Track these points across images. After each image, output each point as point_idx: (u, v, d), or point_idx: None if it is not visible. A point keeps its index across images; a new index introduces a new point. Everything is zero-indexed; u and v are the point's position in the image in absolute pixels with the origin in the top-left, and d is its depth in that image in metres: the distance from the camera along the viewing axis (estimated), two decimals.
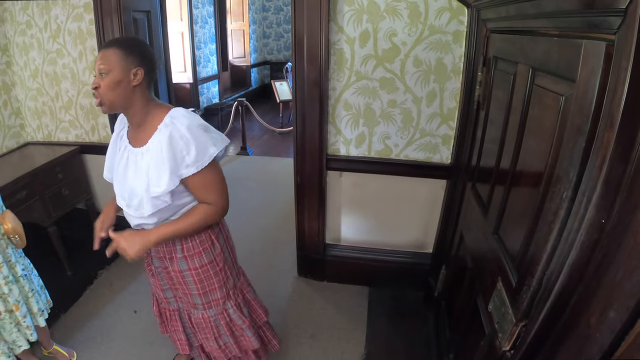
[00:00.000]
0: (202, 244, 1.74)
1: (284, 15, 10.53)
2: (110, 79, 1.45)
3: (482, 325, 1.55)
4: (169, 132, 1.47)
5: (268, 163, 5.99)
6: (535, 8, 1.28)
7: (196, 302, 1.87)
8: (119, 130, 1.72)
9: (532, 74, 1.32)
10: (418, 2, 2.31)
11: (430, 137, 2.62)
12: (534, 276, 1.10)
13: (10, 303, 2.07)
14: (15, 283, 2.10)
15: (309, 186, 2.88)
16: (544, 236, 1.07)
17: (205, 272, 1.78)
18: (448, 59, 2.41)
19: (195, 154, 1.48)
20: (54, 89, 3.41)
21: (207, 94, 8.29)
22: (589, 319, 0.86)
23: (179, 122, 1.49)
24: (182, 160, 1.48)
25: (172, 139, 1.47)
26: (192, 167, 1.49)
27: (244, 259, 3.46)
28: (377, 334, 2.70)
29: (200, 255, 1.74)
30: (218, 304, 1.88)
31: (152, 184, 1.51)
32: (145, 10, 5.23)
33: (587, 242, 0.89)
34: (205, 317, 1.91)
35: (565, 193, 0.99)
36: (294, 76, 2.61)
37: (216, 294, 1.85)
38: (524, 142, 1.36)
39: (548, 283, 1.04)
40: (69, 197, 3.37)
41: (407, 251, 3.01)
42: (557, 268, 1.00)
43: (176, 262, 1.76)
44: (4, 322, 2.08)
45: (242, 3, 9.39)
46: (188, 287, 1.82)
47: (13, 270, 2.10)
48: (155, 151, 1.50)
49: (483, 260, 1.71)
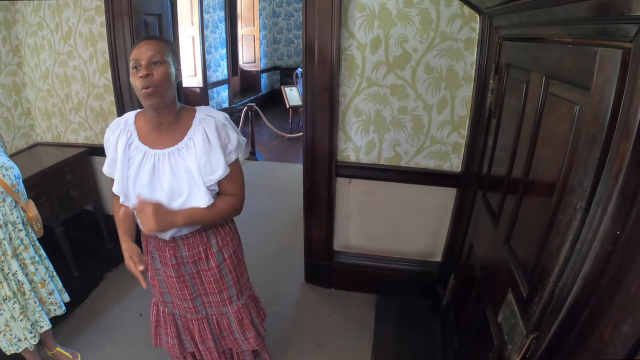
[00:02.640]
0: (232, 232, 1.87)
1: (294, 21, 10.59)
2: (165, 68, 1.46)
3: (490, 336, 1.53)
4: (213, 124, 1.58)
5: (277, 168, 5.99)
6: (547, 15, 1.27)
7: (231, 295, 1.91)
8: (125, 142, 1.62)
9: (546, 82, 1.30)
10: (430, 9, 2.31)
11: (441, 145, 2.60)
12: (545, 287, 1.08)
13: (35, 281, 2.22)
14: (41, 263, 2.26)
15: (317, 192, 2.87)
16: (556, 247, 1.05)
17: (237, 257, 1.90)
18: (459, 66, 2.40)
19: (235, 141, 1.62)
20: (64, 91, 3.43)
21: (217, 98, 8.33)
22: (602, 332, 0.84)
23: (215, 115, 1.61)
24: (226, 148, 1.61)
25: (215, 131, 1.57)
26: (234, 153, 1.63)
27: (251, 264, 3.44)
28: (384, 343, 2.68)
29: (232, 241, 1.86)
30: (247, 287, 2.01)
31: (206, 174, 1.58)
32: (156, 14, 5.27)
33: (602, 254, 0.87)
34: (240, 306, 1.96)
35: (579, 204, 0.97)
36: (304, 81, 2.60)
37: (245, 275, 2.00)
38: (536, 151, 1.35)
39: (560, 295, 1.02)
40: (77, 198, 3.38)
41: (416, 260, 2.98)
42: (570, 280, 0.98)
43: (213, 258, 1.79)
44: (29, 302, 2.19)
45: (253, 8, 9.45)
46: (224, 282, 1.86)
47: (38, 252, 2.27)
48: (200, 144, 1.56)
49: (493, 270, 1.69)
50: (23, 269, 2.16)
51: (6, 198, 2.05)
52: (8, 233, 2.07)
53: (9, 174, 2.04)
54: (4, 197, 2.03)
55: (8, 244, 2.06)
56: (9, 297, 2.08)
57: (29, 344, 2.20)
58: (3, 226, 2.04)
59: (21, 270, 2.13)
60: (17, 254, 2.12)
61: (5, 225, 2.05)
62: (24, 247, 2.15)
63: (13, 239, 2.10)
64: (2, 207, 2.03)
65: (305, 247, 3.15)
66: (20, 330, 2.16)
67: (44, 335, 2.38)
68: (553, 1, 1.18)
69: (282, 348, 2.64)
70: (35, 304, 2.21)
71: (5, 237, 2.05)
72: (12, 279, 2.10)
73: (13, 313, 2.11)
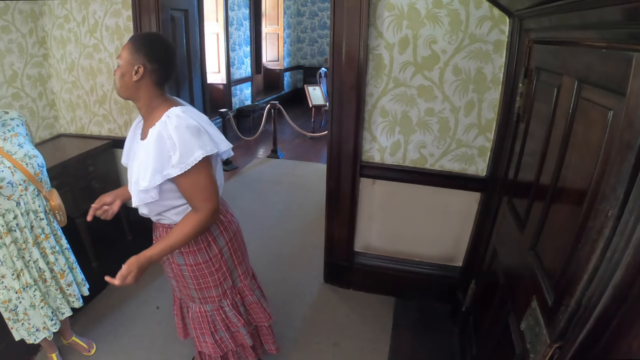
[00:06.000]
0: (197, 244, 1.77)
1: (318, 21, 10.59)
2: (120, 69, 1.58)
3: (512, 344, 1.51)
4: (157, 130, 1.52)
5: (298, 167, 6.02)
6: (579, 19, 1.24)
7: (193, 296, 1.92)
8: (138, 121, 1.79)
9: (578, 87, 1.28)
10: (459, 10, 2.28)
11: (467, 148, 2.57)
12: (572, 296, 1.05)
13: (55, 271, 2.24)
14: (61, 253, 2.27)
15: (341, 192, 2.86)
16: (585, 255, 1.03)
17: (200, 271, 1.82)
18: (488, 69, 2.37)
19: (179, 155, 1.50)
20: (89, 83, 3.49)
21: (239, 95, 8.38)
22: (630, 343, 0.83)
23: (170, 122, 1.52)
24: (169, 160, 1.51)
25: (159, 138, 1.51)
26: (176, 168, 1.51)
27: (270, 262, 3.50)
28: (401, 346, 2.66)
29: (195, 254, 1.79)
30: (214, 301, 1.92)
31: (140, 177, 1.57)
32: (183, 9, 5.32)
33: (633, 263, 0.85)
34: (202, 311, 1.95)
35: (610, 211, 0.94)
36: (330, 80, 2.60)
37: (211, 291, 1.89)
38: (566, 157, 1.32)
39: (588, 304, 1.00)
40: (99, 190, 3.40)
41: (436, 264, 2.96)
42: (599, 289, 0.96)
43: (175, 255, 1.81)
44: (50, 289, 2.22)
45: (278, 7, 9.50)
46: (185, 281, 1.88)
47: (59, 242, 2.28)
48: (145, 145, 1.57)
49: (517, 277, 1.66)
50: (44, 257, 2.17)
51: (29, 186, 2.06)
52: (29, 221, 2.08)
53: (32, 163, 2.05)
54: (27, 186, 2.04)
55: (29, 232, 2.08)
56: (30, 285, 2.11)
57: (48, 332, 2.22)
58: (25, 214, 2.05)
59: (42, 258, 2.15)
60: (38, 242, 2.14)
61: (27, 213, 2.06)
62: (44, 236, 2.17)
63: (34, 227, 2.11)
64: (24, 195, 2.04)
65: (325, 247, 3.15)
66: (39, 319, 2.17)
67: (62, 323, 2.41)
68: (585, 5, 1.16)
69: (299, 346, 2.64)
70: (57, 291, 2.24)
71: (26, 225, 2.06)
72: (33, 267, 2.12)
73: (33, 300, 2.13)
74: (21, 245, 2.07)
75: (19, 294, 2.09)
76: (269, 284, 2.73)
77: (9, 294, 2.08)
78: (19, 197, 2.02)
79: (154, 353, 2.59)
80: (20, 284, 2.08)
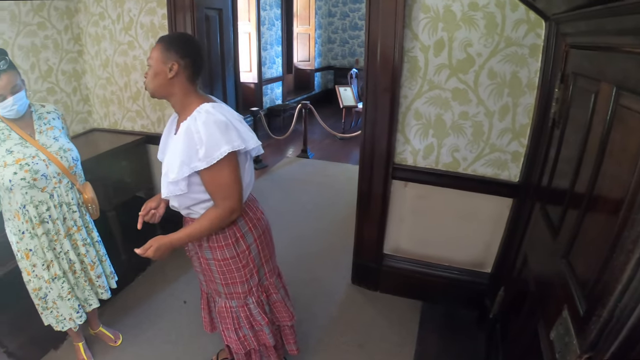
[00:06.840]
0: (225, 239, 1.81)
1: (349, 21, 10.58)
2: (152, 70, 1.64)
3: (540, 353, 1.48)
4: (187, 125, 1.60)
5: (327, 167, 6.03)
6: (617, 24, 1.21)
7: (220, 290, 1.96)
8: (174, 117, 1.85)
9: (617, 94, 1.25)
10: (495, 13, 2.26)
11: (500, 153, 2.54)
12: (605, 306, 1.03)
13: (85, 263, 2.30)
14: (92, 246, 2.34)
15: (372, 194, 2.86)
16: (620, 265, 1.01)
17: (227, 266, 1.86)
18: (523, 73, 2.33)
19: (205, 149, 1.56)
20: (123, 79, 3.57)
21: (270, 94, 8.46)
22: None
23: (199, 117, 1.59)
24: (196, 154, 1.58)
25: (188, 132, 1.59)
26: (202, 161, 1.57)
27: (298, 260, 3.52)
28: (427, 350, 2.64)
29: (222, 249, 1.83)
30: (239, 297, 1.95)
31: (169, 169, 1.64)
32: (217, 8, 5.38)
33: None
34: (227, 306, 1.98)
35: None
36: (365, 81, 2.61)
37: (237, 287, 1.92)
38: (603, 164, 1.29)
39: (621, 315, 0.98)
40: (131, 184, 3.49)
41: (465, 269, 2.93)
42: (633, 300, 0.94)
43: (203, 249, 1.86)
44: (79, 280, 2.28)
45: (309, 7, 9.57)
46: (212, 275, 1.92)
47: (91, 234, 2.35)
48: (175, 139, 1.67)
49: (548, 285, 1.64)
50: (75, 249, 2.23)
51: (62, 179, 2.11)
52: (62, 213, 2.14)
53: (66, 156, 2.09)
54: (60, 179, 2.09)
55: (62, 224, 2.13)
56: (59, 276, 2.16)
57: (73, 324, 2.27)
58: (58, 207, 2.10)
59: (73, 250, 2.20)
60: (69, 234, 2.20)
61: (60, 205, 2.11)
62: (76, 228, 2.22)
63: (67, 219, 2.17)
64: (57, 187, 2.09)
65: (354, 248, 3.15)
66: (67, 310, 2.23)
67: (90, 314, 2.47)
68: (622, 10, 1.13)
69: (324, 346, 2.66)
70: (86, 282, 2.30)
71: (59, 217, 2.12)
72: (63, 258, 2.18)
73: (61, 292, 2.19)
74: (53, 237, 2.13)
75: (48, 284, 2.16)
76: (296, 283, 2.75)
77: (40, 283, 2.15)
78: (52, 189, 2.07)
79: (179, 346, 2.64)
80: (49, 274, 2.14)
